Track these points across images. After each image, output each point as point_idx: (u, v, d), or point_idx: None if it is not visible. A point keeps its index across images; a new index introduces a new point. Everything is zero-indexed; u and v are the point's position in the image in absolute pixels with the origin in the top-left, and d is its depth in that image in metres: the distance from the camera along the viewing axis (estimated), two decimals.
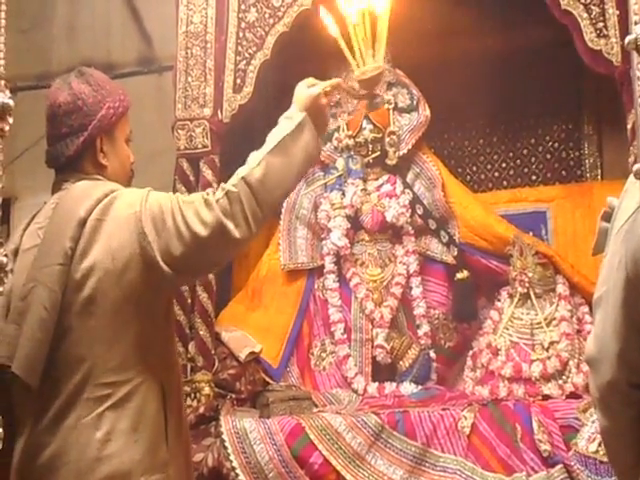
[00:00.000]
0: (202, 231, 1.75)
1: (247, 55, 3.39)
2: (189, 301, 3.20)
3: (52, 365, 1.75)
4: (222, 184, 1.82)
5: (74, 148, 1.87)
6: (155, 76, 4.18)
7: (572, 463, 2.54)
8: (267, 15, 3.39)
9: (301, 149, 1.88)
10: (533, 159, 3.76)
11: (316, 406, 3.07)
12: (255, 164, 1.82)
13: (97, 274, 1.75)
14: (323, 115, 1.97)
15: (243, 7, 3.42)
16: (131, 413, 1.75)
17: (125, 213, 1.79)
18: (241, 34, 3.41)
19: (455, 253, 3.37)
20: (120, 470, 1.73)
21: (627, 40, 1.26)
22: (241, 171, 1.82)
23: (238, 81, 3.38)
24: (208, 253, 1.80)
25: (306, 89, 1.96)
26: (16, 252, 1.87)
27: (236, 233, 1.76)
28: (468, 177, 3.81)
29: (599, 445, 2.44)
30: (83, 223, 1.78)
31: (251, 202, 1.78)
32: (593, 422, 2.52)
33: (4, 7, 1.56)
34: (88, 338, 1.76)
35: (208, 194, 1.81)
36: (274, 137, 1.89)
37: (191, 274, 1.96)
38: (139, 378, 1.78)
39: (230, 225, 1.76)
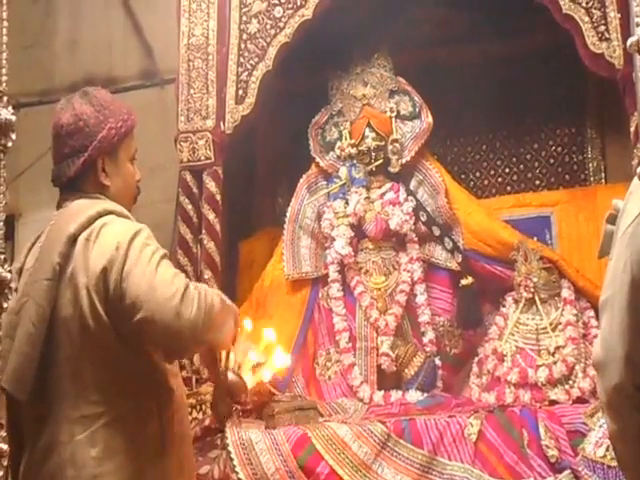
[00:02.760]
0: (165, 292, 1.71)
1: (249, 66, 3.41)
2: None
3: (46, 381, 1.76)
4: None
5: (74, 169, 1.88)
6: (157, 89, 4.19)
7: (580, 468, 2.51)
8: (268, 26, 3.40)
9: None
10: (536, 164, 3.75)
11: (322, 416, 3.05)
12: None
13: (82, 294, 1.75)
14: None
15: (244, 19, 3.43)
16: (125, 431, 1.75)
17: (108, 241, 1.78)
18: (243, 45, 3.42)
19: (459, 259, 3.36)
20: None
21: (629, 42, 1.25)
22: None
23: (240, 92, 3.40)
24: (158, 316, 1.72)
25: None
26: (21, 271, 1.88)
27: (190, 314, 1.72)
28: (472, 183, 3.81)
29: (607, 450, 2.42)
30: (73, 240, 1.79)
31: (207, 306, 1.76)
32: (600, 427, 2.50)
33: (6, 24, 1.58)
34: (80, 357, 1.76)
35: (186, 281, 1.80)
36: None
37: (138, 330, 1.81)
38: (134, 397, 1.78)
39: (188, 304, 1.73)
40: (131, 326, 1.73)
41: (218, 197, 3.35)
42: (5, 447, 1.65)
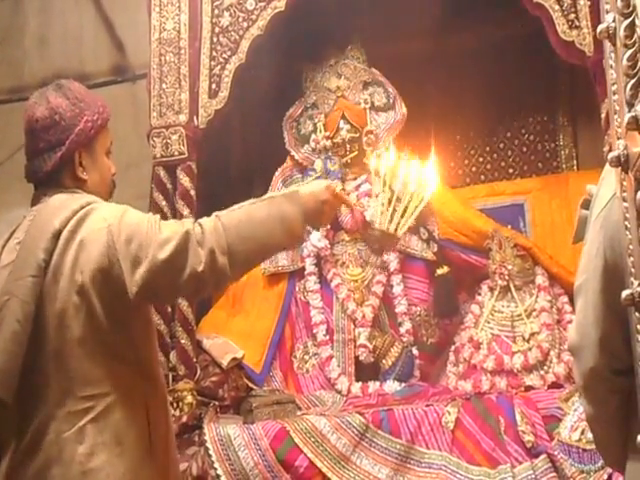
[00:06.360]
0: (169, 256, 1.71)
1: (222, 60, 3.38)
2: (169, 310, 3.18)
3: (30, 380, 1.73)
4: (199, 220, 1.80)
5: (52, 163, 1.85)
6: (129, 85, 4.15)
7: (555, 452, 2.54)
8: (241, 19, 3.37)
9: (289, 219, 1.82)
10: (509, 152, 3.77)
11: (300, 409, 3.05)
12: (236, 208, 1.81)
13: (69, 287, 1.74)
14: (320, 214, 1.89)
15: (216, 12, 3.40)
16: (113, 426, 1.73)
17: (98, 226, 1.77)
18: (215, 39, 3.39)
19: (435, 249, 3.36)
20: None
21: (599, 29, 1.26)
22: (220, 212, 1.80)
23: (213, 86, 3.37)
24: (170, 277, 1.74)
25: (322, 187, 1.90)
26: None
27: (199, 267, 1.71)
28: (446, 173, 3.81)
29: (582, 433, 2.45)
30: (58, 235, 1.77)
31: (220, 239, 1.74)
32: (575, 411, 2.53)
33: None
34: (65, 351, 1.74)
35: (184, 222, 1.79)
36: (268, 195, 1.90)
37: (154, 298, 1.89)
38: (120, 390, 1.76)
39: (197, 257, 1.72)
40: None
41: (192, 192, 3.32)
42: None
